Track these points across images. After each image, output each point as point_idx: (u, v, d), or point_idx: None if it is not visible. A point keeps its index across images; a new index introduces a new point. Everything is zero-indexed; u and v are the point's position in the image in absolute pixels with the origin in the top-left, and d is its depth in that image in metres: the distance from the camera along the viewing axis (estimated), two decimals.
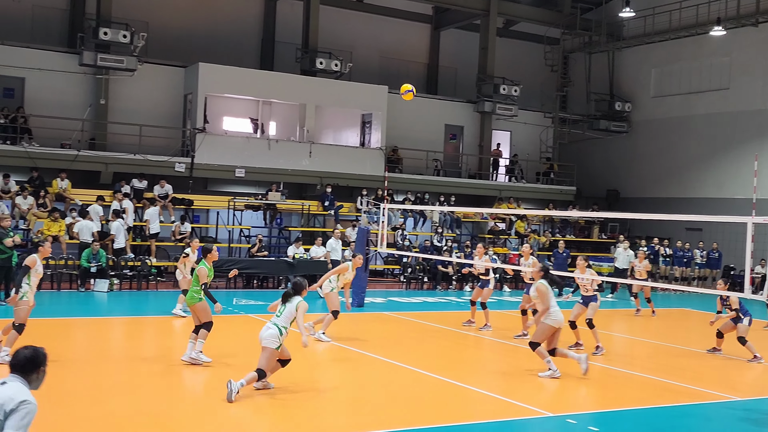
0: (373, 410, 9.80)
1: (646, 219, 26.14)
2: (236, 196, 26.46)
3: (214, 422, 8.88)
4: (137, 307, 18.90)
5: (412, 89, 16.26)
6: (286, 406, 9.65)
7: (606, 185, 35.61)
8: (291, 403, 9.85)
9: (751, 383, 12.94)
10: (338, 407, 9.84)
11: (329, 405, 9.93)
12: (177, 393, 10.49)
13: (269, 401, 9.88)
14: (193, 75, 27.10)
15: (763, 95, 30.41)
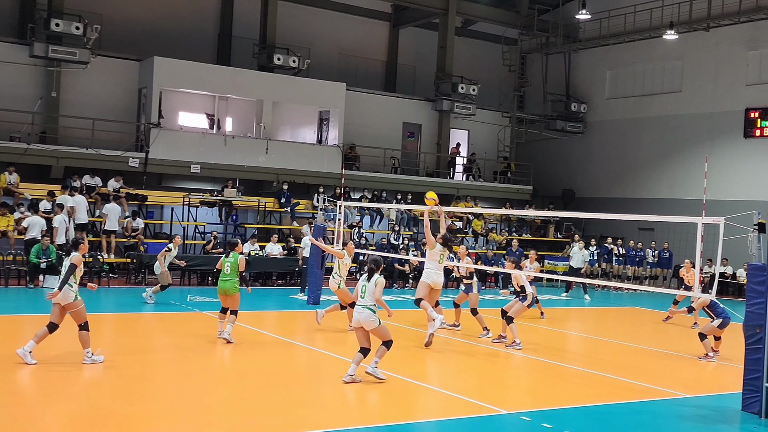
0: (328, 408, 9.73)
1: (600, 218, 26.44)
2: (191, 192, 26.15)
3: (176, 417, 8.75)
4: (88, 304, 18.51)
5: (435, 199, 16.74)
6: (242, 404, 9.53)
7: (562, 185, 35.98)
8: (245, 400, 9.74)
9: (701, 380, 13.14)
10: (293, 405, 9.75)
11: (284, 403, 9.83)
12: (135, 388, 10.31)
13: (219, 398, 9.76)
14: (147, 69, 26.73)
15: (714, 98, 30.96)
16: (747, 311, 10.38)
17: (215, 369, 11.80)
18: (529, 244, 31.49)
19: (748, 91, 29.84)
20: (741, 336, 10.53)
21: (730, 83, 30.46)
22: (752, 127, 29.52)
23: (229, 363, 12.29)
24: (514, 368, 13.16)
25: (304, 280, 21.72)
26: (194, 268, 22.31)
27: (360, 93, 31.66)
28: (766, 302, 10.12)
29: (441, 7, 32.85)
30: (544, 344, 15.27)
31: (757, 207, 11.95)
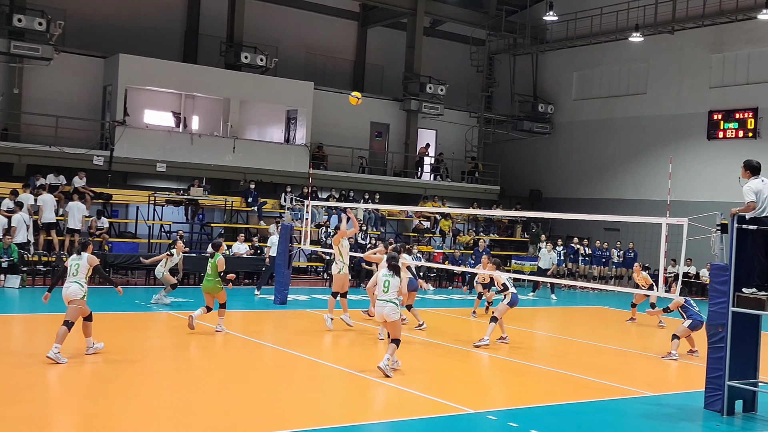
0: (296, 408, 9.67)
1: (567, 219, 26.63)
2: (157, 190, 25.90)
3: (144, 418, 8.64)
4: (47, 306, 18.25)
5: (358, 97, 16.90)
6: (208, 404, 9.45)
7: (529, 185, 36.19)
8: (213, 400, 9.66)
9: (664, 379, 13.27)
10: (260, 405, 9.69)
11: (250, 403, 9.76)
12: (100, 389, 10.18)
13: (185, 398, 9.67)
14: (113, 66, 26.42)
15: (678, 100, 31.34)
16: (710, 311, 10.50)
17: (182, 369, 11.68)
18: (497, 244, 31.72)
19: (712, 93, 30.24)
20: (704, 335, 10.65)
21: (694, 86, 30.84)
22: (715, 129, 29.92)
23: (196, 363, 12.18)
24: (481, 368, 13.19)
25: (263, 280, 21.63)
26: None
27: (328, 92, 31.58)
28: (728, 302, 10.25)
29: (409, 7, 32.88)
30: (510, 344, 15.33)
31: (720, 208, 12.07)
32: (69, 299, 11.33)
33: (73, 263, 11.49)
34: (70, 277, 11.44)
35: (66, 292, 11.35)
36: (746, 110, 29.03)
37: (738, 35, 29.45)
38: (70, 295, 11.32)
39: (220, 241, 15.52)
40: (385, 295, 11.66)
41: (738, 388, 10.28)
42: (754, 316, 10.39)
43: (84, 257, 11.54)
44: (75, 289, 11.31)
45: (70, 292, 11.31)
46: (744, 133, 29.06)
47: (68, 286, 11.41)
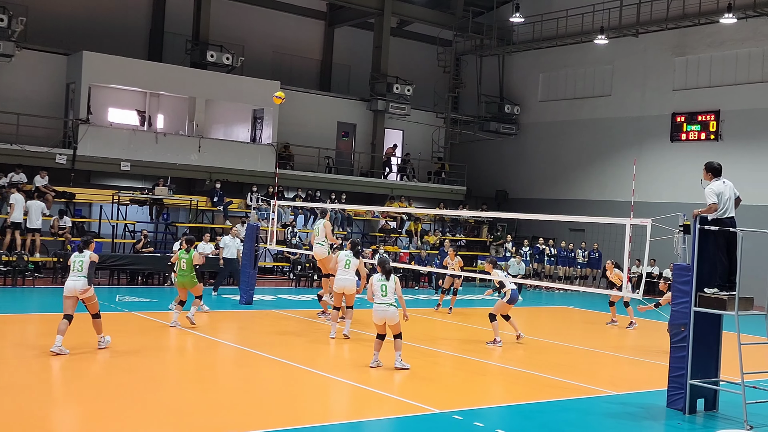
0: (261, 408, 9.62)
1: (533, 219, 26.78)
2: (121, 190, 25.62)
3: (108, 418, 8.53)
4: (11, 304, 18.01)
5: (281, 97, 17.40)
6: (172, 404, 9.35)
7: (495, 186, 36.36)
8: (177, 401, 9.56)
9: (627, 378, 13.39)
10: (224, 405, 9.61)
11: (214, 403, 9.68)
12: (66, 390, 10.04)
13: (153, 398, 9.57)
14: (76, 63, 26.08)
15: (642, 102, 31.69)
16: (672, 310, 10.61)
17: (143, 369, 11.55)
18: (463, 245, 31.83)
19: (675, 96, 30.62)
20: (666, 334, 10.76)
21: (657, 88, 31.21)
22: (678, 131, 30.30)
23: (158, 363, 12.05)
24: (447, 367, 13.21)
25: (219, 280, 21.50)
26: (123, 268, 21.85)
27: (294, 92, 31.44)
28: (690, 302, 10.36)
29: (376, 7, 32.88)
30: (476, 343, 15.38)
31: (683, 209, 12.21)
32: (77, 293, 11.90)
33: (77, 260, 12.05)
34: (76, 273, 11.99)
35: (75, 285, 11.90)
36: (709, 113, 29.44)
37: (700, 39, 29.86)
38: (79, 289, 11.88)
39: (193, 237, 16.04)
40: (384, 299, 12.03)
41: (700, 386, 10.40)
42: (716, 316, 10.53)
43: (86, 254, 12.10)
44: (84, 283, 11.92)
45: (79, 286, 11.89)
46: (706, 135, 29.46)
47: (76, 280, 11.95)
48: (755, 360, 10.94)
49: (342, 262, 14.72)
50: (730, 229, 10.31)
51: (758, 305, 11.33)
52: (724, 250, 10.40)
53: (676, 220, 10.82)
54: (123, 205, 25.03)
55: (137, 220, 25.29)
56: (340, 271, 14.73)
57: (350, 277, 14.68)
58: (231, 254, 21.50)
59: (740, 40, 28.70)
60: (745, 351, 9.88)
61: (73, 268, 12.09)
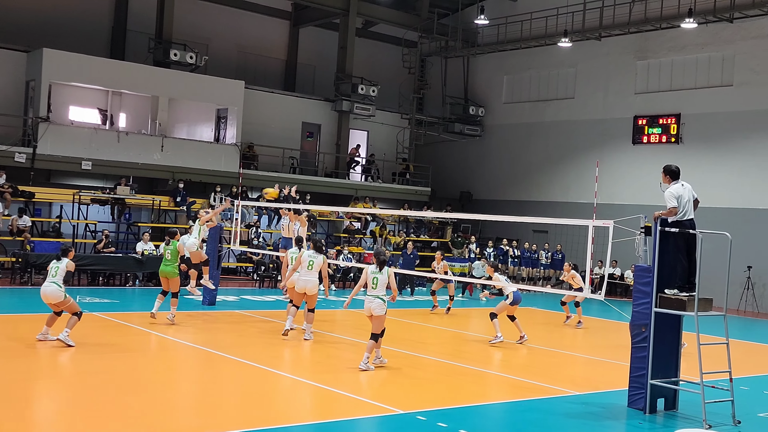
0: (225, 410, 9.54)
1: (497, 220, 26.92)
2: (82, 189, 25.27)
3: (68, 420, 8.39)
4: None
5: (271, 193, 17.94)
6: (135, 407, 9.24)
7: (459, 187, 36.50)
8: (140, 402, 9.45)
9: (589, 378, 13.51)
10: (188, 407, 9.52)
11: (179, 405, 9.59)
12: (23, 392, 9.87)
13: (112, 400, 9.45)
14: (36, 61, 25.68)
15: (605, 105, 32.03)
16: (633, 311, 10.72)
17: (105, 371, 11.40)
18: (427, 246, 31.92)
19: (637, 99, 30.98)
20: (627, 335, 10.88)
21: (620, 91, 31.56)
22: (640, 134, 30.66)
23: (121, 365, 11.90)
24: (410, 368, 13.22)
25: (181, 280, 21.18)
26: (84, 268, 21.54)
27: (259, 91, 31.33)
28: (651, 302, 10.49)
29: (342, 7, 32.84)
30: (439, 344, 15.42)
31: (644, 211, 12.37)
32: (49, 300, 12.58)
33: (54, 266, 12.69)
34: (50, 278, 12.63)
35: (45, 291, 12.59)
36: (669, 116, 29.83)
37: (662, 43, 30.26)
38: (49, 295, 12.55)
39: (175, 229, 16.93)
40: (373, 291, 12.18)
41: (660, 386, 10.53)
42: (676, 317, 10.66)
43: (64, 261, 12.72)
44: (54, 289, 12.52)
45: (49, 292, 12.54)
46: (667, 139, 29.85)
47: (47, 286, 12.59)
48: (714, 360, 11.10)
49: (305, 263, 14.50)
50: (690, 231, 10.45)
51: (717, 306, 11.49)
52: (684, 252, 10.54)
53: (637, 222, 10.95)
54: (84, 205, 24.70)
55: (98, 220, 24.97)
56: (303, 271, 14.55)
57: (312, 279, 14.48)
58: None
59: (701, 44, 29.13)
60: (704, 351, 10.02)
61: (49, 273, 12.68)
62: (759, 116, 27.56)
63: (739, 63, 28.20)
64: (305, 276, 14.44)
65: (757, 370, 14.92)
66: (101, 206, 25.38)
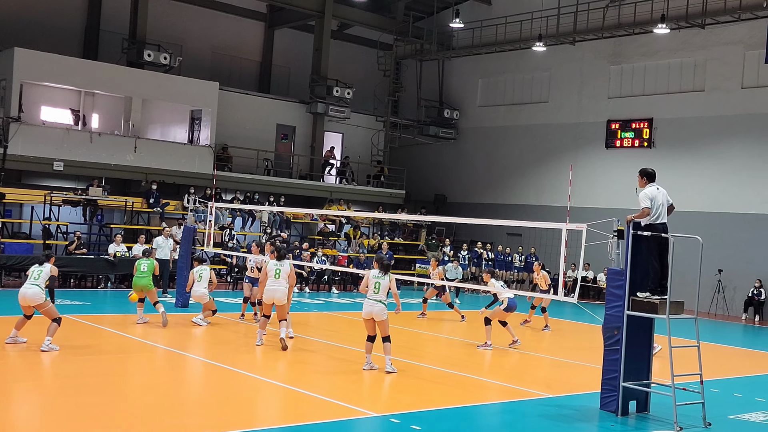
0: (198, 412, 9.48)
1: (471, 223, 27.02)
2: (53, 190, 24.99)
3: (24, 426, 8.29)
4: None
5: None
6: (107, 409, 9.15)
7: (434, 190, 36.57)
8: (111, 405, 9.36)
9: (562, 381, 13.58)
10: (160, 409, 9.45)
11: (151, 407, 9.51)
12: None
13: (91, 402, 9.35)
14: (7, 60, 25.36)
15: (579, 109, 32.26)
16: (606, 314, 10.79)
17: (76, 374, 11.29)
18: (401, 248, 31.95)
19: (610, 103, 31.24)
20: (600, 337, 10.95)
21: (593, 95, 31.80)
22: (613, 138, 30.91)
23: (92, 367, 11.78)
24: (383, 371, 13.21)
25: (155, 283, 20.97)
26: None
27: (233, 93, 31.18)
28: (623, 305, 10.56)
29: (317, 9, 32.79)
30: (413, 347, 15.43)
31: (617, 214, 12.46)
32: (28, 302, 12.45)
33: (36, 270, 12.68)
34: (31, 281, 12.55)
35: (25, 293, 12.45)
36: (642, 120, 30.10)
37: (635, 48, 30.53)
38: (29, 298, 12.43)
39: (149, 249, 17.26)
40: (375, 295, 12.24)
41: (632, 389, 10.60)
42: (648, 319, 10.74)
43: (47, 266, 12.74)
44: (36, 291, 12.44)
45: (30, 295, 12.43)
46: (640, 143, 30.12)
47: (28, 288, 12.49)
48: (685, 363, 11.20)
49: (272, 272, 13.91)
50: (662, 234, 10.54)
51: (688, 309, 11.61)
52: (656, 255, 10.62)
53: (610, 226, 11.02)
54: (55, 206, 24.42)
55: (70, 221, 24.71)
56: (270, 280, 13.93)
57: (281, 287, 13.90)
58: (164, 255, 21.13)
59: (673, 50, 29.44)
60: (675, 354, 10.11)
61: (30, 276, 12.64)
62: (729, 121, 27.90)
63: (711, 68, 28.53)
64: (273, 285, 13.84)
65: (728, 373, 15.08)
66: (73, 207, 25.11)
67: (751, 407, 11.68)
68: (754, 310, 26.35)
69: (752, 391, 13.25)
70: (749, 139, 27.44)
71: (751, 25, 26.98)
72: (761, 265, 26.49)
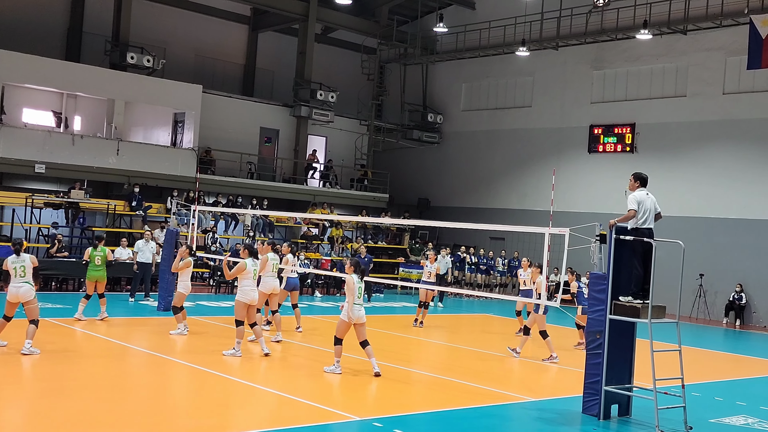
0: (180, 416, 9.43)
1: (454, 227, 27.11)
2: (35, 192, 24.83)
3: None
4: None
5: None
6: (87, 413, 9.09)
7: (417, 193, 36.62)
8: (91, 409, 9.30)
9: (545, 385, 13.63)
10: (141, 413, 9.39)
11: (132, 411, 9.45)
12: None
13: (70, 406, 9.28)
14: None
15: (562, 114, 32.41)
16: (588, 318, 10.84)
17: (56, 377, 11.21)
18: (384, 252, 31.95)
19: (593, 108, 31.41)
20: (569, 336, 10.98)
21: (576, 100, 31.96)
22: (596, 142, 31.08)
23: (72, 371, 11.70)
24: (367, 375, 13.20)
25: (134, 286, 20.92)
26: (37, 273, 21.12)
27: (217, 96, 31.10)
28: (606, 309, 10.61)
29: (301, 13, 32.77)
30: (396, 350, 15.42)
31: (599, 219, 12.52)
32: (20, 299, 12.14)
33: (18, 265, 12.19)
34: (18, 279, 12.15)
35: (18, 292, 12.09)
36: (625, 125, 30.29)
37: (618, 53, 30.72)
38: (22, 294, 12.12)
39: (102, 234, 17.52)
40: (358, 300, 12.37)
41: (614, 392, 10.65)
42: (630, 323, 10.80)
43: (26, 257, 12.29)
44: (28, 288, 12.18)
45: (23, 292, 12.12)
46: (622, 148, 30.29)
47: (19, 286, 12.13)
48: (667, 367, 11.26)
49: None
50: (645, 239, 10.59)
51: (670, 313, 11.67)
52: (640, 259, 10.67)
53: (593, 230, 11.07)
54: (37, 209, 24.27)
55: (51, 224, 24.54)
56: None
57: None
58: (145, 258, 20.87)
59: (655, 55, 29.64)
60: (657, 358, 10.17)
61: (15, 273, 12.17)
62: (711, 127, 28.13)
63: (693, 74, 28.75)
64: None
65: (709, 377, 15.18)
66: (55, 210, 24.96)
67: (732, 411, 11.76)
68: (735, 315, 26.54)
69: (733, 395, 13.35)
70: (730, 145, 27.67)
71: (733, 32, 27.22)
72: (742, 270, 26.70)
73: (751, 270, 26.58)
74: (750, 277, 26.58)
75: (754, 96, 27.18)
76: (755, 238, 26.62)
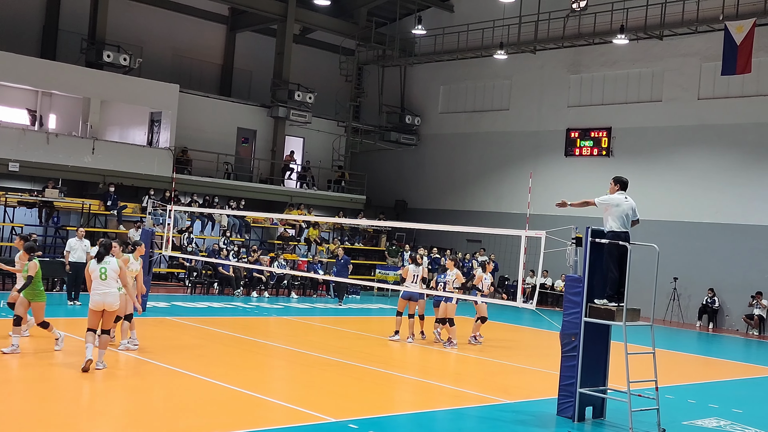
0: (156, 419, 9.36)
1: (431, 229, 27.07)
2: (8, 191, 24.56)
3: None
4: None
5: None
6: (59, 415, 8.99)
7: (395, 195, 36.64)
8: (64, 411, 9.21)
9: (520, 387, 13.66)
10: (114, 415, 9.31)
11: (104, 413, 9.37)
12: None
13: (42, 409, 9.18)
14: None
15: (539, 117, 32.57)
16: (564, 320, 10.89)
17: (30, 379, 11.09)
18: (361, 254, 31.93)
19: (570, 112, 31.59)
20: (558, 343, 11.04)
21: (553, 104, 32.14)
22: (572, 146, 31.27)
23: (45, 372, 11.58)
24: (342, 376, 13.19)
25: (69, 287, 19.95)
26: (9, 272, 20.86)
27: (194, 96, 30.94)
28: (581, 312, 10.67)
29: (279, 13, 32.69)
30: (371, 352, 15.41)
31: (576, 222, 12.61)
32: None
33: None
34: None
35: None
36: (601, 129, 30.49)
37: (594, 58, 30.93)
38: None
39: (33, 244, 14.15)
40: None
41: (588, 395, 10.70)
42: (605, 326, 10.86)
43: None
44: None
45: None
46: (598, 151, 30.50)
47: None
48: (641, 369, 11.34)
49: None
50: (620, 242, 10.66)
51: (644, 316, 11.76)
52: (616, 262, 10.73)
53: (568, 233, 11.13)
54: (10, 207, 24.01)
55: (25, 223, 24.27)
56: (96, 282, 11.71)
57: (112, 290, 11.76)
58: (78, 258, 19.43)
59: (632, 60, 29.87)
60: (631, 360, 10.23)
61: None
62: (686, 131, 28.38)
63: (668, 79, 29.00)
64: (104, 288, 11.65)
65: (682, 379, 15.31)
66: (28, 209, 24.70)
67: (705, 413, 11.87)
68: (708, 318, 26.80)
69: (706, 397, 13.47)
70: (704, 150, 27.94)
71: (708, 38, 27.48)
72: (714, 274, 26.96)
73: (724, 274, 26.84)
74: (723, 281, 26.84)
75: (729, 101, 27.47)
76: (729, 242, 26.89)
